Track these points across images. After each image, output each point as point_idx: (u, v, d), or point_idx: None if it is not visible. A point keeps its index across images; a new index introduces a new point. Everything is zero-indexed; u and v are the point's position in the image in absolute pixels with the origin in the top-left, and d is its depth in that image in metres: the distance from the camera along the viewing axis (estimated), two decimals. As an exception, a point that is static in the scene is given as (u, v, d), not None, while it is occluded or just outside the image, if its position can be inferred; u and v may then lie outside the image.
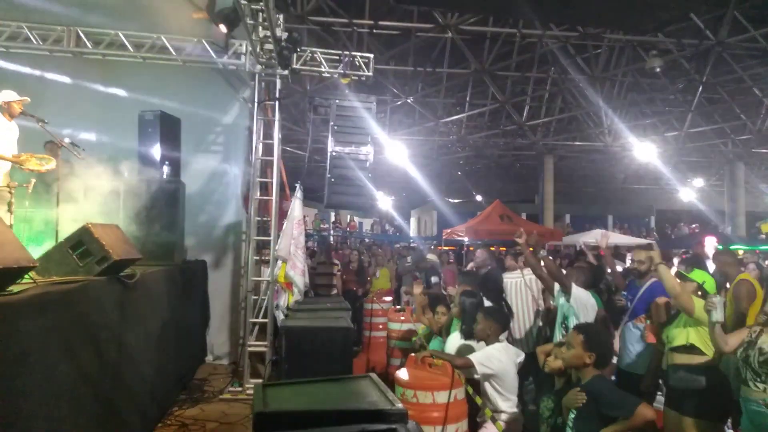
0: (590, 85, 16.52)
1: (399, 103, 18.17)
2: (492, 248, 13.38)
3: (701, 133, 19.46)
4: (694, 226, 27.09)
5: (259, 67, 7.07)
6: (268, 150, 7.22)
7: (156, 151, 6.78)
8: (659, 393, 4.66)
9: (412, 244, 19.33)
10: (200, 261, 7.53)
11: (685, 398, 3.77)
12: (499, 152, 23.28)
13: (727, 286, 5.05)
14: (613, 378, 4.64)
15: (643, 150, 18.38)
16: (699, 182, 26.03)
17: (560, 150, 21.38)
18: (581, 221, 26.92)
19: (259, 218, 7.21)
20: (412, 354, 4.48)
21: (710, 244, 9.61)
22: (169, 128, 7.02)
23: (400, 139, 19.03)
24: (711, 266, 5.81)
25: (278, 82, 7.17)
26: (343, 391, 3.00)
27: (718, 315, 3.53)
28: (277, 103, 7.18)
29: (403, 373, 4.02)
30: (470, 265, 8.00)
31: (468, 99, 18.55)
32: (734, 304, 4.69)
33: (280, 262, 6.72)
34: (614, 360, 4.74)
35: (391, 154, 18.34)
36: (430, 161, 24.01)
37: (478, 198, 31.67)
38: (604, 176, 28.44)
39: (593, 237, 18.87)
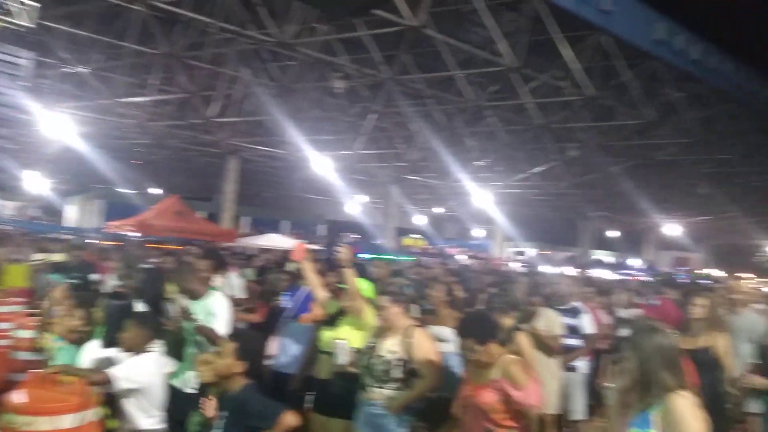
0: (280, 93, 17.02)
1: (71, 71, 15.67)
2: (163, 246, 12.53)
3: (369, 155, 21.98)
4: (355, 236, 30.48)
5: None
6: None
7: None
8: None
9: (63, 235, 16.79)
10: None
11: (342, 402, 3.87)
12: (183, 145, 22.18)
13: None
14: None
15: (321, 163, 19.76)
16: (363, 198, 29.43)
17: (245, 152, 21.47)
18: (259, 224, 27.59)
19: None
20: (35, 370, 3.66)
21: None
22: None
23: (67, 112, 16.39)
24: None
25: None
26: None
27: (342, 358, 3.83)
28: None
29: (18, 395, 3.21)
30: None
31: (155, 83, 17.08)
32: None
33: None
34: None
35: (52, 128, 15.65)
36: (104, 143, 21.39)
37: (156, 190, 29.69)
38: (284, 183, 29.75)
39: (267, 241, 19.57)
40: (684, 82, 15.98)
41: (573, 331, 5.78)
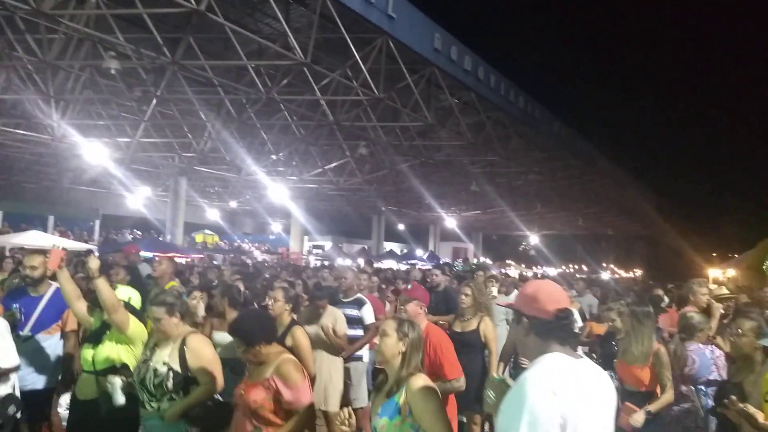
0: (41, 70, 14.78)
1: None
2: None
3: (153, 144, 20.26)
4: (137, 232, 27.99)
5: None
6: None
7: None
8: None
9: None
10: None
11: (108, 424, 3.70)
12: None
13: None
14: None
15: (94, 152, 17.70)
16: (146, 191, 27.03)
17: (-2, 136, 18.30)
18: (18, 220, 23.94)
19: None
20: None
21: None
22: None
23: None
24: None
25: None
26: None
27: (119, 398, 3.63)
28: None
29: None
30: None
31: None
32: None
33: None
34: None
35: None
36: None
37: None
38: (49, 173, 26.03)
39: (30, 239, 16.89)
40: (458, 89, 17.61)
41: (357, 322, 6.09)
